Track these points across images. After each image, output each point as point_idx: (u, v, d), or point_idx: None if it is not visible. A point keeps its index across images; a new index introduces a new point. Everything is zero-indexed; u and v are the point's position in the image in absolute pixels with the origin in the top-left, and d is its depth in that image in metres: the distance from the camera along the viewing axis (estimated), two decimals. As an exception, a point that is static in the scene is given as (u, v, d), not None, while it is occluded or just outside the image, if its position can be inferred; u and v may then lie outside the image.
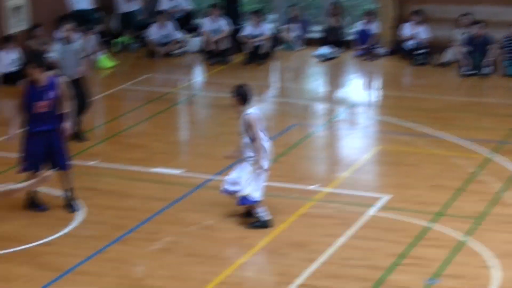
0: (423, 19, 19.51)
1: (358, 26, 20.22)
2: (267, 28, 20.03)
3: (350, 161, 14.10)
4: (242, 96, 11.88)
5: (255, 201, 11.68)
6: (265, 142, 11.85)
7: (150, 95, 17.50)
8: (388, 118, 15.99)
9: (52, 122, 11.88)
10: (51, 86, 11.77)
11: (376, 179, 13.47)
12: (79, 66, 14.93)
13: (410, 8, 19.68)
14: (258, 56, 19.60)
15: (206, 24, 20.01)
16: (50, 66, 12.24)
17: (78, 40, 15.50)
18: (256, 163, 11.61)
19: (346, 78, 18.94)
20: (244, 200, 11.71)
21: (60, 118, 11.94)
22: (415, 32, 19.43)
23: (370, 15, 20.11)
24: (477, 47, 18.52)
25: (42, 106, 11.69)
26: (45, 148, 11.86)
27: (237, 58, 19.70)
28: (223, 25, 19.92)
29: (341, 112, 16.59)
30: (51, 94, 11.73)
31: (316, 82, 18.72)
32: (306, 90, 18.10)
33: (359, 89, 18.55)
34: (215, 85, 18.17)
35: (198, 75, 19.15)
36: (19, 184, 9.17)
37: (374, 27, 19.94)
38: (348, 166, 13.82)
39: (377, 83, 18.57)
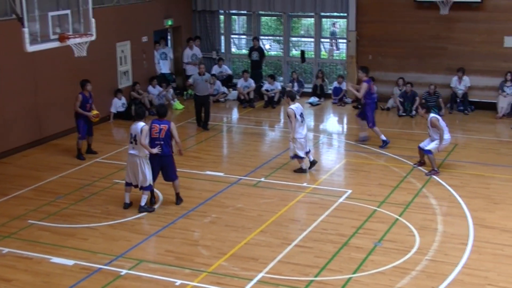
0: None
1: (334, 84, 20.16)
2: (278, 85, 19.97)
3: (328, 168, 14.05)
4: (290, 97, 12.65)
5: (300, 157, 12.89)
6: (301, 126, 12.82)
7: (205, 126, 17.46)
8: (351, 142, 15.92)
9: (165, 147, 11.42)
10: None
11: (343, 180, 13.40)
12: (207, 88, 16.61)
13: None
14: (272, 103, 19.57)
15: (240, 82, 19.99)
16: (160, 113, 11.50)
17: (206, 74, 16.71)
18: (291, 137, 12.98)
19: (326, 117, 18.87)
20: (294, 156, 13.02)
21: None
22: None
23: (341, 78, 20.06)
24: (407, 98, 18.43)
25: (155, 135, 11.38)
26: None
27: (259, 104, 19.71)
28: (251, 83, 19.88)
29: (322, 138, 16.53)
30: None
31: (307, 119, 18.63)
32: (301, 124, 17.99)
33: (334, 124, 18.48)
34: (245, 120, 18.17)
35: (235, 114, 19.13)
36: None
37: (343, 86, 19.86)
38: (327, 171, 13.78)
39: (345, 120, 18.49)
